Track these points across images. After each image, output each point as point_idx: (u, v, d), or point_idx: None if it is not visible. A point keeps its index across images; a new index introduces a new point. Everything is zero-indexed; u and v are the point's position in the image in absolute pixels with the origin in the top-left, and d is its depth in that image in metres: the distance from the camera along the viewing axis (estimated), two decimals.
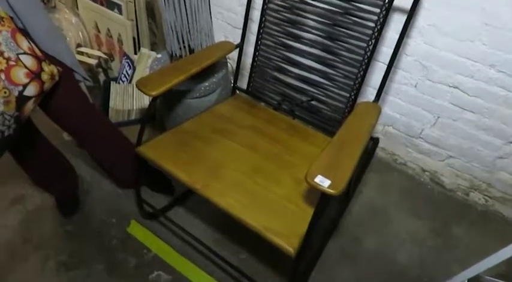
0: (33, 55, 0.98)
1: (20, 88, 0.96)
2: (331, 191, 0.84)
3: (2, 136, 0.98)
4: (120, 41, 1.97)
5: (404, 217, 1.53)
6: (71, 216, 1.52)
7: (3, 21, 0.93)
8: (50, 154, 1.41)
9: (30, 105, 1.01)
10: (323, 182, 0.86)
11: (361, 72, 1.20)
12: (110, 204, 1.56)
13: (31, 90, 0.99)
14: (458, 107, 1.38)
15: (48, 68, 1.02)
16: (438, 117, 1.45)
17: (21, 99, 0.98)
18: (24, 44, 0.97)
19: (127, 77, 1.88)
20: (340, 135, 1.00)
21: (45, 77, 1.01)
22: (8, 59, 0.93)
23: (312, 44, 1.27)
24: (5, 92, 0.93)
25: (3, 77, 0.92)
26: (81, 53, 1.99)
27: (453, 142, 1.48)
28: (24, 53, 0.96)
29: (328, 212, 1.49)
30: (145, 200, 1.43)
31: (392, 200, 1.60)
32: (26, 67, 0.96)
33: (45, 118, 1.20)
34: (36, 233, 1.46)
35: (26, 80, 0.96)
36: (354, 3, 1.15)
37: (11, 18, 0.98)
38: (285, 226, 1.00)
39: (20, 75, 0.95)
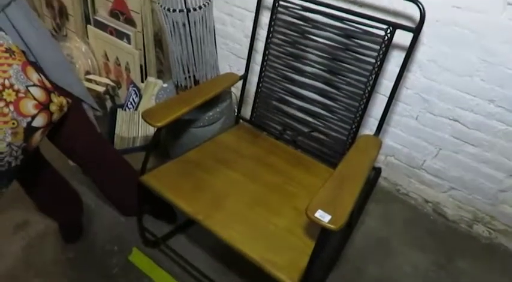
0: (43, 87, 1.02)
1: (29, 119, 0.99)
2: (332, 226, 0.85)
3: (9, 166, 1.00)
4: (127, 69, 2.02)
5: (407, 248, 1.52)
6: (73, 243, 1.52)
7: (15, 54, 0.97)
8: (56, 181, 1.43)
9: (37, 136, 1.04)
10: (323, 216, 0.86)
11: (362, 106, 1.22)
12: (112, 231, 1.56)
13: (39, 121, 1.01)
14: (459, 140, 1.39)
15: (57, 100, 1.05)
16: (439, 149, 1.46)
17: (29, 130, 1.00)
18: (34, 76, 1.00)
19: (133, 104, 1.92)
20: (341, 170, 1.01)
21: (53, 108, 1.04)
22: (17, 91, 0.96)
23: (314, 77, 1.31)
24: (13, 123, 0.96)
25: (12, 108, 0.95)
26: (90, 80, 2.04)
27: (455, 174, 1.48)
28: (34, 85, 0.99)
29: (329, 243, 1.49)
30: (147, 228, 1.44)
31: (395, 230, 1.59)
32: (35, 99, 0.99)
33: (49, 145, 1.22)
34: (39, 260, 1.46)
35: (34, 111, 0.99)
36: (354, 40, 1.18)
37: (23, 52, 1.02)
38: (285, 259, 1.00)
39: (28, 106, 0.98)
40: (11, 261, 1.45)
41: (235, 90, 1.90)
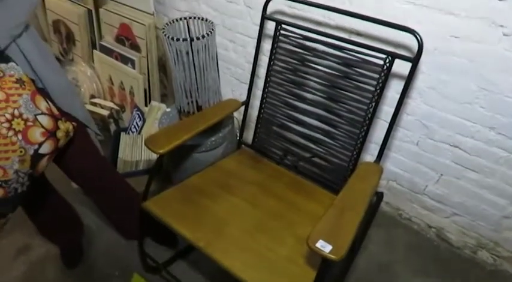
0: (50, 115, 1.04)
1: (36, 147, 1.01)
2: (333, 256, 0.85)
3: (15, 193, 1.01)
4: (132, 93, 2.05)
5: (410, 275, 1.50)
6: (74, 267, 1.52)
7: (25, 84, 1.00)
8: (59, 204, 1.44)
9: (44, 162, 1.06)
10: (324, 247, 0.86)
11: (363, 132, 1.23)
12: (113, 255, 1.56)
13: (46, 148, 1.03)
14: (460, 166, 1.39)
15: (64, 126, 1.08)
16: (441, 174, 1.46)
17: (36, 157, 1.02)
18: (43, 104, 1.03)
19: (137, 128, 1.94)
20: (341, 198, 1.01)
21: (60, 134, 1.07)
22: (26, 120, 0.98)
23: (315, 104, 1.33)
24: (21, 151, 0.98)
25: (20, 137, 0.97)
26: (95, 104, 2.07)
27: (457, 200, 1.48)
28: (42, 113, 1.02)
29: (332, 270, 1.47)
30: (148, 253, 1.43)
31: (399, 256, 1.57)
32: (42, 126, 1.02)
33: (52, 165, 1.23)
34: None
35: (41, 139, 1.02)
36: (354, 69, 1.21)
37: (32, 80, 1.05)
38: None
39: (36, 134, 1.01)
40: None
41: (238, 115, 1.92)
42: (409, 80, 1.11)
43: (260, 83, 1.52)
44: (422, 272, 1.51)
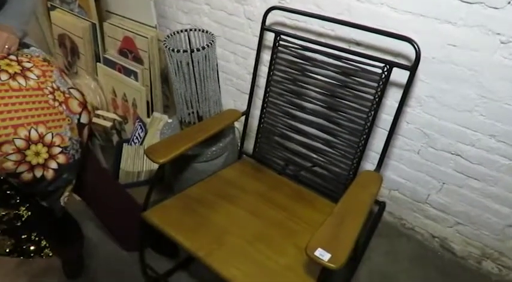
0: (78, 89, 1.13)
1: (77, 116, 1.10)
2: (332, 265, 0.84)
3: (74, 159, 1.09)
4: (134, 105, 2.07)
5: None
6: (74, 279, 1.51)
7: (50, 62, 1.08)
8: (63, 219, 1.44)
9: (86, 131, 1.14)
10: (323, 255, 0.86)
11: (363, 141, 1.24)
12: (113, 266, 1.55)
13: (85, 118, 1.13)
14: (463, 174, 1.38)
15: (88, 100, 1.18)
16: (443, 183, 1.45)
17: (80, 126, 1.11)
18: (69, 80, 1.13)
19: (139, 139, 1.95)
20: (341, 207, 1.01)
21: (90, 107, 1.16)
22: (63, 93, 1.08)
23: (315, 113, 1.33)
24: (69, 120, 1.07)
25: (64, 107, 1.05)
26: (98, 116, 2.09)
27: (460, 209, 1.46)
28: (72, 88, 1.12)
29: (332, 279, 1.45)
30: (149, 264, 1.43)
31: (402, 267, 1.55)
32: (76, 98, 1.10)
33: None
34: None
35: (79, 109, 1.11)
36: (353, 78, 1.21)
37: None
38: None
39: (74, 105, 1.10)
40: None
41: (239, 125, 1.93)
42: (408, 88, 1.12)
43: (260, 93, 1.53)
44: None
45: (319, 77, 1.29)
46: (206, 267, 1.06)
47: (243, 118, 1.51)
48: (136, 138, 1.96)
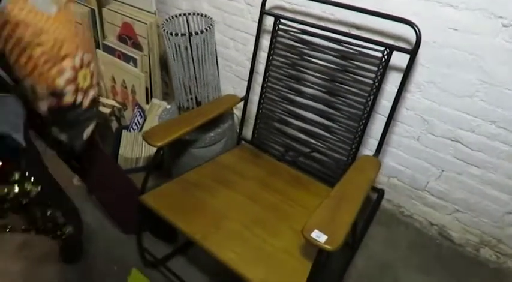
0: None
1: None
2: (328, 246, 0.84)
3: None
4: (133, 92, 2.06)
5: (412, 273, 1.48)
6: (73, 263, 1.52)
7: None
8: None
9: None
10: (319, 237, 0.86)
11: (362, 126, 1.23)
12: (112, 251, 1.55)
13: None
14: (462, 161, 1.37)
15: None
16: (442, 170, 1.44)
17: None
18: None
19: (138, 125, 1.95)
20: (338, 190, 1.01)
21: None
22: None
23: (314, 98, 1.32)
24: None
25: None
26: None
27: (459, 196, 1.45)
28: None
29: (330, 266, 1.46)
30: (147, 248, 1.43)
31: (400, 254, 1.55)
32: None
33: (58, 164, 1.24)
34: (39, 280, 1.45)
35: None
36: (352, 62, 1.20)
37: None
38: (283, 281, 0.98)
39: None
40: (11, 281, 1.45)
41: (238, 112, 1.92)
42: (408, 72, 1.11)
43: (259, 79, 1.51)
44: (424, 271, 1.49)
45: (318, 61, 1.28)
46: (203, 250, 1.06)
47: (241, 105, 1.50)
48: (136, 124, 1.95)
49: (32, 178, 1.11)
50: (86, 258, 1.53)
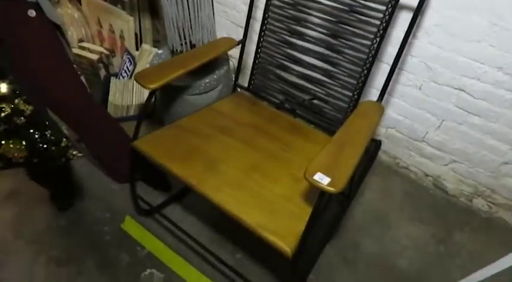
0: None
1: None
2: (331, 188, 0.81)
3: None
4: (122, 37, 1.95)
5: (405, 222, 1.50)
6: (65, 210, 1.49)
7: None
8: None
9: None
10: (322, 179, 0.83)
11: (365, 71, 1.17)
12: (105, 199, 1.53)
13: None
14: (464, 110, 1.35)
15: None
16: (443, 120, 1.42)
17: None
18: None
19: (127, 72, 1.86)
20: (341, 134, 0.97)
21: None
22: None
23: (316, 41, 1.25)
24: None
25: None
26: (83, 48, 1.97)
27: (457, 146, 1.44)
28: None
29: (327, 213, 1.46)
30: (141, 196, 1.41)
31: (394, 204, 1.56)
32: None
33: None
34: (29, 228, 1.43)
35: None
36: (360, 1, 1.12)
37: None
38: (281, 225, 0.97)
39: None
40: (0, 229, 1.42)
41: (233, 59, 1.84)
42: (417, 12, 1.04)
43: (257, 25, 1.43)
44: (417, 220, 1.50)
45: (323, 0, 1.19)
46: (198, 196, 1.04)
47: (237, 52, 1.42)
48: (125, 71, 1.86)
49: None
50: (77, 207, 1.51)
